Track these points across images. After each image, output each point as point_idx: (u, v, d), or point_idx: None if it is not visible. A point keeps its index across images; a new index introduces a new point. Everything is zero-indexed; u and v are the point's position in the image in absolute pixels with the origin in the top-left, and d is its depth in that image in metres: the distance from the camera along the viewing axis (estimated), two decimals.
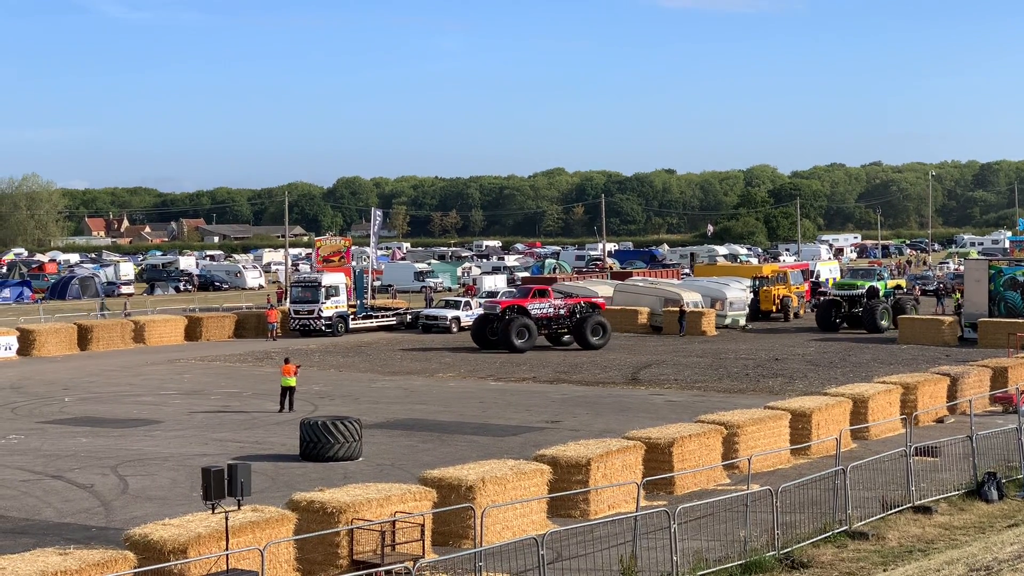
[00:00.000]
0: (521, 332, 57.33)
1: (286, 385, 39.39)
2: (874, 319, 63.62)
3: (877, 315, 63.64)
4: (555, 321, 59.17)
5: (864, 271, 71.85)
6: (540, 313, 58.68)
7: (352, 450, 31.30)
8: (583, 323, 58.61)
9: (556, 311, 59.15)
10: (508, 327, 57.25)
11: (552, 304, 59.33)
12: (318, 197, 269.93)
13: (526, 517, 23.40)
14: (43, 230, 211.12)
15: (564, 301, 60.40)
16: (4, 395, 44.54)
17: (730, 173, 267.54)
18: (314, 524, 20.79)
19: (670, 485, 27.04)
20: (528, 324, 57.59)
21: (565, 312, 59.27)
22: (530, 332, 57.53)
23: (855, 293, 65.55)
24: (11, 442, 34.60)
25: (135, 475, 29.75)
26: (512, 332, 57.11)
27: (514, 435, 34.92)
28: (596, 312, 59.97)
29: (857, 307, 65.15)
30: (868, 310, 64.14)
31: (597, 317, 59.23)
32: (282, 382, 39.60)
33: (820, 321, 66.15)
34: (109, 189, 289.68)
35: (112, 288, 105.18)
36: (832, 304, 66.17)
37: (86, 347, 60.35)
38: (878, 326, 63.44)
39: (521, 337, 57.27)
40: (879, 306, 64.08)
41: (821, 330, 64.89)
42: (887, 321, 64.04)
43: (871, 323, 63.73)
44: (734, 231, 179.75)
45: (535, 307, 58.69)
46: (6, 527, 24.73)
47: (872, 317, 63.72)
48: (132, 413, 39.85)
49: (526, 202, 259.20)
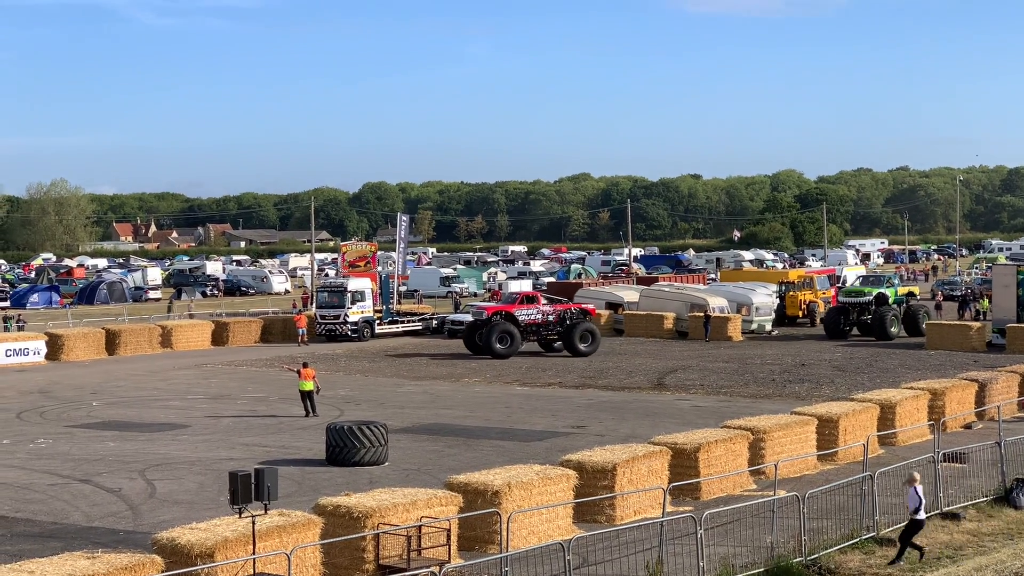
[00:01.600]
0: (503, 338, 57.06)
1: (303, 389, 39.50)
2: (883, 326, 62.57)
3: (887, 322, 62.58)
4: (544, 327, 58.84)
5: (874, 278, 70.17)
6: (528, 319, 58.39)
7: (378, 455, 31.34)
8: (572, 330, 58.20)
9: (544, 317, 58.75)
10: (490, 333, 57.07)
11: (540, 310, 58.97)
12: (344, 202, 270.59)
13: (552, 522, 23.38)
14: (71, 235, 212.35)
15: (553, 307, 59.98)
16: (33, 399, 44.82)
17: (756, 178, 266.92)
18: (340, 529, 20.83)
19: (696, 490, 26.98)
20: (510, 330, 57.23)
21: (554, 318, 58.86)
22: (512, 338, 57.15)
23: (863, 300, 64.42)
24: (39, 446, 34.79)
25: (162, 479, 29.87)
26: (493, 338, 56.91)
27: (540, 440, 34.90)
28: (586, 319, 59.48)
29: (866, 314, 64.11)
30: (877, 317, 63.11)
31: (586, 324, 58.83)
32: (299, 386, 39.72)
33: (828, 328, 65.11)
34: (137, 194, 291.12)
35: (140, 293, 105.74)
36: (840, 311, 65.13)
37: (114, 352, 60.64)
38: (887, 333, 62.40)
39: (503, 343, 57.02)
40: (888, 313, 63.03)
41: (829, 338, 63.96)
42: (897, 328, 63.15)
43: (880, 330, 62.67)
44: (760, 236, 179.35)
45: (522, 313, 58.41)
46: (34, 531, 24.86)
47: (881, 324, 62.68)
48: (159, 417, 40.03)
49: (552, 207, 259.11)
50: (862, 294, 64.79)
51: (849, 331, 64.61)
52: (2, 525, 25.31)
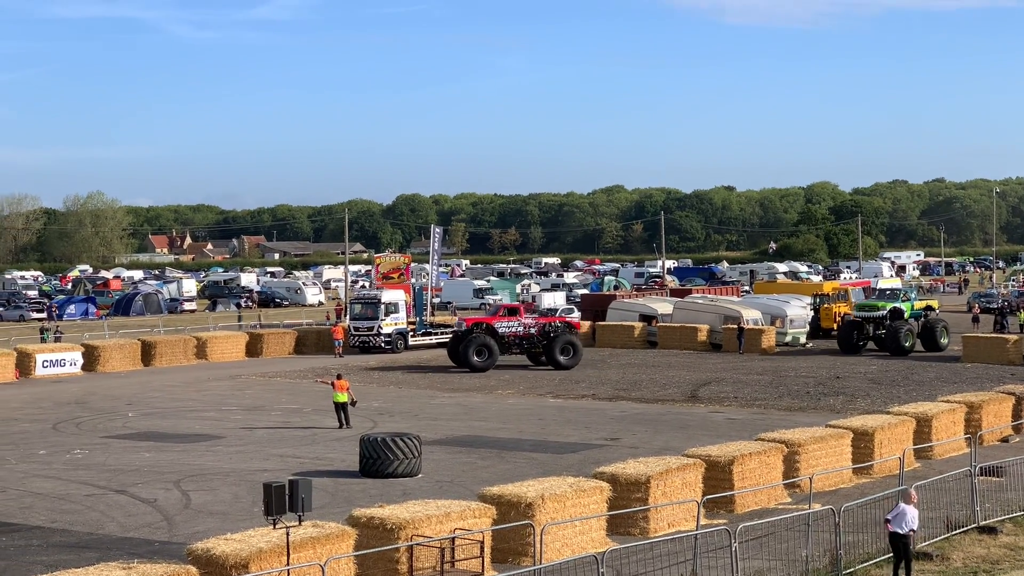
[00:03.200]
0: (480, 351, 56.85)
1: (337, 401, 39.64)
2: (897, 340, 61.49)
3: (901, 337, 61.44)
4: (526, 340, 58.62)
5: (890, 291, 68.63)
6: (509, 332, 58.21)
7: (411, 466, 31.37)
8: (553, 342, 57.96)
9: (526, 330, 58.53)
10: (468, 345, 56.91)
11: (522, 323, 58.76)
12: (378, 214, 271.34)
13: (585, 535, 23.34)
14: (108, 247, 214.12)
15: (535, 320, 59.81)
16: (69, 410, 45.11)
17: (790, 190, 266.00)
18: (374, 540, 20.85)
19: (730, 503, 26.87)
20: (488, 343, 57.02)
21: (536, 331, 58.59)
22: (490, 351, 56.93)
23: (876, 315, 63.17)
24: (76, 456, 35.01)
25: (197, 490, 30.00)
26: (471, 350, 56.74)
27: (573, 452, 34.86)
28: (568, 332, 59.09)
29: (880, 329, 63.00)
30: (891, 332, 62.00)
31: (568, 336, 58.48)
32: (333, 398, 39.86)
33: (841, 343, 63.99)
34: (172, 206, 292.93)
35: (175, 304, 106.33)
36: (854, 326, 63.87)
37: (149, 363, 60.99)
38: (902, 348, 61.27)
39: (480, 356, 56.82)
40: (903, 328, 61.81)
41: (843, 352, 62.99)
42: (911, 342, 61.95)
43: (894, 345, 61.59)
44: (794, 248, 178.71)
45: (503, 325, 58.24)
46: (70, 541, 25.01)
47: (895, 339, 61.61)
48: (194, 428, 40.22)
49: (585, 219, 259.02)
50: (875, 308, 63.54)
51: (863, 346, 63.56)
52: (38, 535, 25.48)
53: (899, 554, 21.45)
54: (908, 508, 21.33)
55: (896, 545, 21.43)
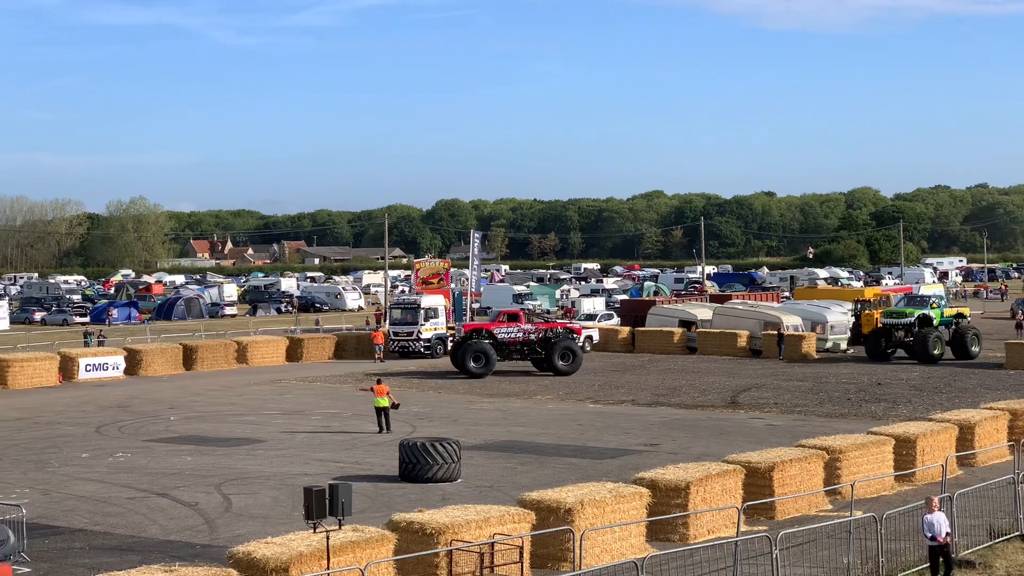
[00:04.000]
0: (477, 357, 56.73)
1: (378, 406, 39.77)
2: (926, 348, 60.54)
3: (929, 344, 60.48)
4: (526, 345, 58.42)
5: (919, 298, 67.52)
6: (508, 337, 58.08)
7: (451, 471, 31.40)
8: (552, 348, 57.74)
9: (526, 335, 58.34)
10: (464, 351, 56.84)
11: (521, 328, 58.59)
12: (417, 219, 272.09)
13: (625, 541, 23.29)
14: (150, 252, 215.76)
15: (536, 326, 59.52)
16: (112, 413, 45.46)
17: (831, 196, 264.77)
18: (413, 545, 20.89)
19: (771, 510, 26.74)
20: (485, 349, 56.88)
21: (536, 337, 58.38)
22: (487, 356, 56.78)
23: (904, 322, 62.16)
24: (118, 460, 35.27)
25: (238, 493, 30.15)
26: (468, 356, 56.65)
27: (612, 458, 34.80)
28: (567, 338, 58.82)
29: (909, 336, 61.96)
30: (919, 339, 61.03)
31: (567, 343, 58.14)
32: (375, 403, 39.99)
33: (869, 351, 62.96)
34: (213, 212, 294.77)
35: (216, 309, 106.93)
36: (882, 333, 62.89)
37: (191, 367, 61.36)
38: (930, 355, 60.29)
39: (477, 361, 56.66)
40: (931, 335, 60.84)
41: (871, 360, 62.06)
42: (940, 350, 60.82)
43: (923, 352, 60.61)
44: (835, 254, 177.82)
45: (501, 331, 58.15)
46: (112, 544, 25.19)
47: (924, 346, 60.65)
48: (235, 432, 40.43)
49: (625, 224, 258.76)
50: (904, 315, 62.54)
51: (892, 353, 62.68)
52: (81, 538, 25.68)
53: (936, 564, 21.32)
54: (934, 516, 21.24)
55: (934, 555, 21.30)
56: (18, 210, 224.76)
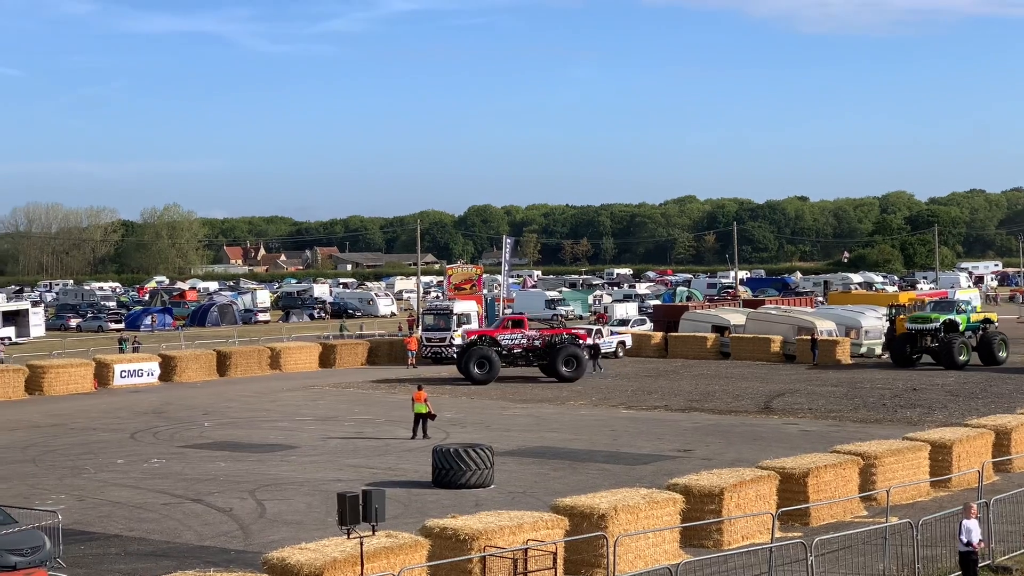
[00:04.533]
0: (481, 363, 56.51)
1: (417, 412, 39.83)
2: (951, 354, 59.78)
3: (955, 350, 59.74)
4: (530, 351, 58.25)
5: (945, 303, 66.28)
6: (511, 344, 57.92)
7: (484, 477, 31.41)
8: (556, 354, 57.54)
9: (530, 342, 58.17)
10: (468, 358, 56.71)
11: (525, 335, 58.44)
12: (449, 225, 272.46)
13: (658, 547, 23.23)
14: (183, 258, 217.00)
15: (540, 332, 59.29)
16: (146, 419, 45.70)
17: (865, 200, 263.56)
18: (447, 551, 20.89)
19: (805, 516, 26.62)
20: (489, 355, 56.68)
21: (540, 343, 58.15)
22: (491, 363, 56.58)
23: (929, 327, 61.25)
24: (153, 466, 35.45)
25: (272, 499, 30.25)
26: (471, 362, 56.50)
27: (645, 464, 34.73)
28: (572, 344, 58.46)
29: (934, 341, 61.18)
30: (945, 345, 60.31)
31: (570, 348, 57.84)
32: (414, 409, 40.06)
33: (894, 356, 62.26)
34: (246, 218, 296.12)
35: (249, 315, 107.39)
36: (907, 338, 62.04)
37: (225, 373, 61.63)
38: (956, 361, 59.45)
39: (481, 368, 56.46)
40: (956, 340, 60.09)
41: (896, 366, 61.38)
42: (966, 356, 60.03)
43: (948, 358, 59.88)
44: (869, 259, 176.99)
45: (505, 338, 57.95)
46: (147, 550, 25.31)
47: (949, 352, 59.90)
48: (269, 438, 40.56)
49: (657, 230, 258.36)
50: (929, 320, 61.60)
51: (917, 359, 61.97)
52: (116, 544, 25.81)
53: (967, 570, 21.18)
54: (971, 522, 21.10)
55: (965, 562, 21.17)
56: (53, 217, 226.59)
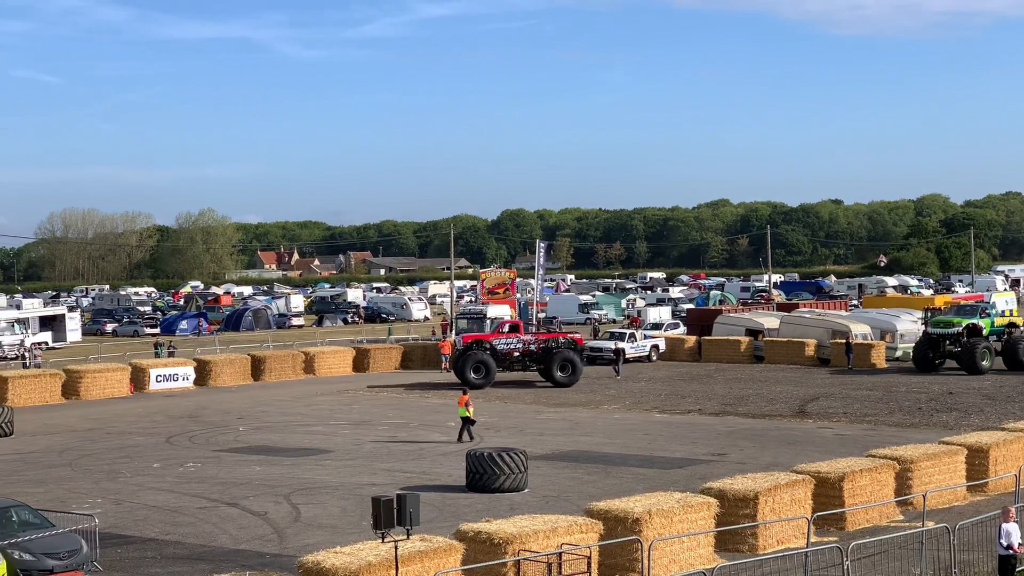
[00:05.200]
0: (477, 368, 56.36)
1: (462, 416, 39.96)
2: (973, 359, 58.85)
3: (977, 355, 58.82)
4: (527, 356, 58.01)
5: (968, 307, 65.05)
6: (507, 349, 57.70)
7: (518, 481, 31.43)
8: (552, 359, 57.26)
9: (526, 346, 57.93)
10: (464, 362, 56.51)
11: (521, 339, 58.16)
12: (483, 229, 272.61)
13: (693, 551, 23.18)
14: (218, 263, 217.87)
15: (536, 337, 58.96)
16: (182, 424, 45.93)
17: (899, 203, 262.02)
18: (481, 555, 20.91)
19: (841, 520, 26.50)
20: (485, 360, 56.54)
21: (536, 348, 57.94)
22: (488, 368, 56.43)
23: (951, 332, 60.44)
24: (188, 470, 35.62)
25: (307, 503, 30.34)
26: (468, 367, 56.31)
27: (680, 468, 34.66)
28: (568, 348, 58.08)
29: (956, 346, 60.30)
30: (967, 349, 59.37)
31: (566, 353, 57.50)
32: (459, 413, 40.18)
33: (916, 361, 61.36)
34: (280, 223, 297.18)
35: (283, 320, 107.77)
36: (930, 343, 61.25)
37: (259, 378, 61.86)
38: (978, 367, 58.52)
39: (477, 372, 56.29)
40: (979, 345, 59.16)
41: (919, 371, 60.49)
42: (988, 361, 59.11)
43: (970, 363, 58.96)
44: (904, 262, 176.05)
45: (501, 343, 57.74)
46: (183, 553, 25.44)
47: (971, 357, 58.96)
48: (303, 442, 40.69)
49: (690, 233, 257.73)
50: (951, 325, 60.81)
51: (940, 364, 61.10)
52: (153, 547, 25.95)
53: (1006, 574, 21.04)
54: (1010, 525, 20.96)
55: (1004, 565, 21.02)
56: (89, 223, 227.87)
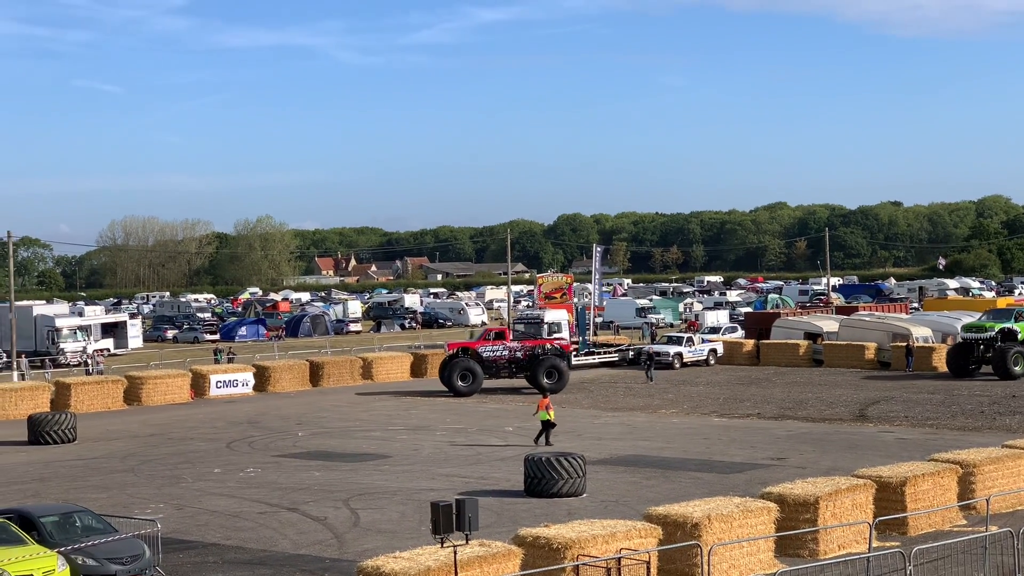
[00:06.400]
0: (464, 375, 56.24)
1: (542, 419, 40.03)
2: (1004, 364, 57.55)
3: (1008, 359, 57.48)
4: (512, 363, 57.75)
5: (1002, 312, 63.67)
6: (493, 356, 57.50)
7: (576, 486, 31.40)
8: (538, 366, 56.96)
9: (512, 354, 57.70)
10: (451, 370, 56.38)
11: (507, 347, 57.91)
12: (539, 234, 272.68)
13: (753, 556, 23.05)
14: (276, 270, 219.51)
15: (522, 344, 58.58)
16: (242, 429, 46.28)
17: (960, 204, 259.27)
18: (540, 560, 20.91)
19: (903, 525, 26.25)
20: (472, 367, 56.39)
21: (522, 355, 57.68)
22: (474, 375, 56.25)
23: (983, 336, 59.17)
24: (249, 475, 35.89)
25: (366, 508, 30.47)
26: (455, 375, 56.19)
27: (739, 472, 34.48)
28: (554, 356, 57.80)
29: (990, 351, 59.00)
30: (999, 354, 58.06)
31: (552, 360, 57.21)
32: (538, 416, 40.29)
33: (951, 366, 59.95)
34: (337, 229, 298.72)
35: (341, 326, 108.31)
36: (964, 348, 60.12)
37: (317, 383, 62.21)
38: (1010, 372, 57.25)
39: (464, 380, 56.20)
40: (1011, 350, 57.72)
41: (954, 376, 59.11)
42: (1021, 367, 57.59)
43: (1001, 368, 57.67)
44: (965, 264, 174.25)
45: (487, 350, 57.56)
46: (244, 558, 25.62)
47: (1003, 362, 57.68)
48: (362, 448, 40.87)
49: (748, 237, 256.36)
50: (983, 329, 59.57)
51: (976, 369, 59.70)
52: (214, 552, 26.16)
53: None
54: None
55: None
56: (150, 230, 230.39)
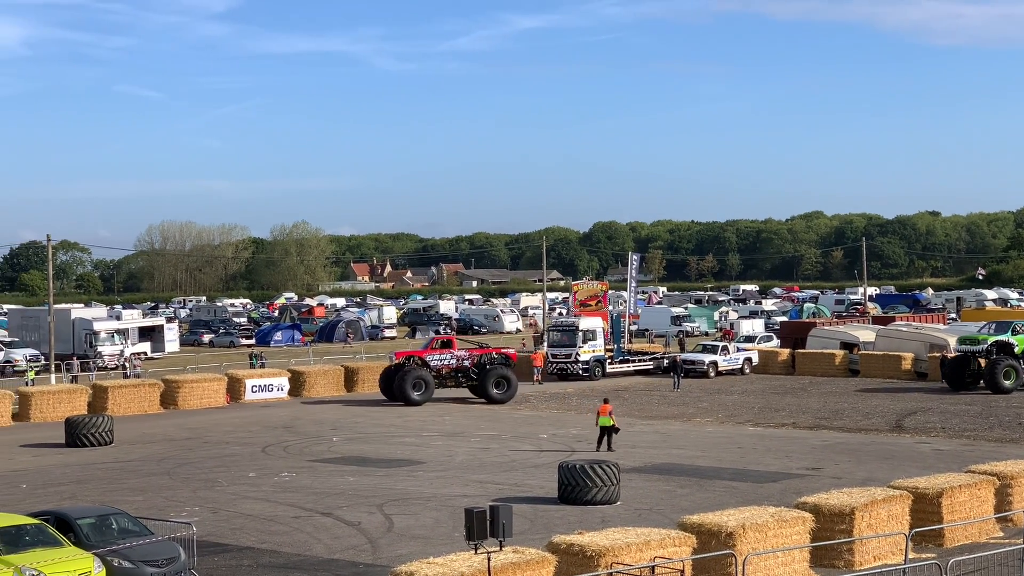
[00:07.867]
0: (417, 384, 55.42)
1: (602, 425, 40.00)
2: (993, 377, 56.70)
3: (997, 373, 56.55)
4: (460, 372, 57.18)
5: (999, 324, 61.91)
6: (441, 365, 56.90)
7: (610, 494, 31.35)
8: (486, 375, 56.52)
9: (460, 362, 57.11)
10: (404, 379, 55.63)
11: (455, 355, 57.31)
12: (575, 242, 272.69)
13: (788, 566, 22.96)
14: (311, 275, 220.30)
15: (469, 352, 58.06)
16: (277, 434, 46.46)
17: (999, 214, 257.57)
18: (574, 567, 20.89)
19: (939, 537, 26.09)
20: (424, 376, 55.70)
21: (470, 363, 57.14)
22: (427, 384, 55.57)
23: (977, 349, 58.14)
24: (283, 479, 36.02)
25: (400, 514, 30.52)
26: (408, 384, 55.41)
27: (773, 482, 34.34)
28: (502, 365, 57.31)
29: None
30: (989, 367, 57.12)
31: (500, 370, 56.71)
32: (599, 423, 40.30)
33: (947, 379, 59.27)
34: (373, 235, 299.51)
35: (376, 331, 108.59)
36: (961, 361, 59.21)
37: (352, 389, 62.38)
38: (1000, 386, 56.35)
39: (417, 389, 55.38)
40: (1001, 363, 56.66)
41: (952, 390, 58.35)
42: (1012, 381, 56.60)
43: (991, 382, 56.82)
44: (1004, 274, 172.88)
45: (435, 359, 57.00)
46: (279, 562, 25.72)
47: (992, 375, 56.79)
48: (396, 453, 40.96)
49: (784, 246, 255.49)
50: (977, 342, 58.52)
51: (973, 382, 58.67)
52: (249, 556, 26.28)
53: None
54: None
55: None
56: (187, 235, 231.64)
